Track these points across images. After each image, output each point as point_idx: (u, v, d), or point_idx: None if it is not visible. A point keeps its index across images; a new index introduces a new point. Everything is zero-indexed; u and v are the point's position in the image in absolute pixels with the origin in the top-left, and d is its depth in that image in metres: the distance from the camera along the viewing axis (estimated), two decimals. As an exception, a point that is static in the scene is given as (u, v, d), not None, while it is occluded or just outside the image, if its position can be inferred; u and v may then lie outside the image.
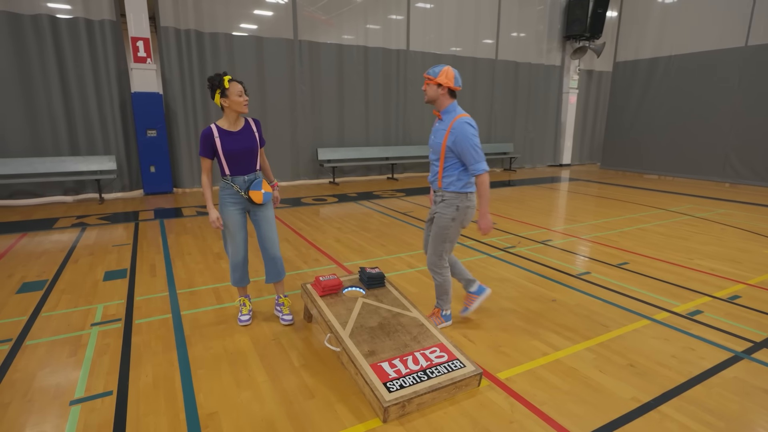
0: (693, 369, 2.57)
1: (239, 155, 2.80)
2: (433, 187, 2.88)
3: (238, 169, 2.83)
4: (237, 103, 2.70)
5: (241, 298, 3.12)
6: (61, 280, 3.90)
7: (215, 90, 2.69)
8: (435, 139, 2.80)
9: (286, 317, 3.09)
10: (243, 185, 2.84)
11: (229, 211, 2.86)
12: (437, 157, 2.78)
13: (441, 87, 2.68)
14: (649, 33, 11.23)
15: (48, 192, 7.57)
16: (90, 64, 7.57)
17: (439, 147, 2.74)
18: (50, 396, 2.26)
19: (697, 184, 10.16)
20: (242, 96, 2.71)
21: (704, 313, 3.31)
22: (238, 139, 2.80)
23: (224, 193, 2.86)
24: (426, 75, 2.72)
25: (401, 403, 2.10)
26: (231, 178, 2.83)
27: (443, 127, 2.74)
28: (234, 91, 2.68)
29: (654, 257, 4.64)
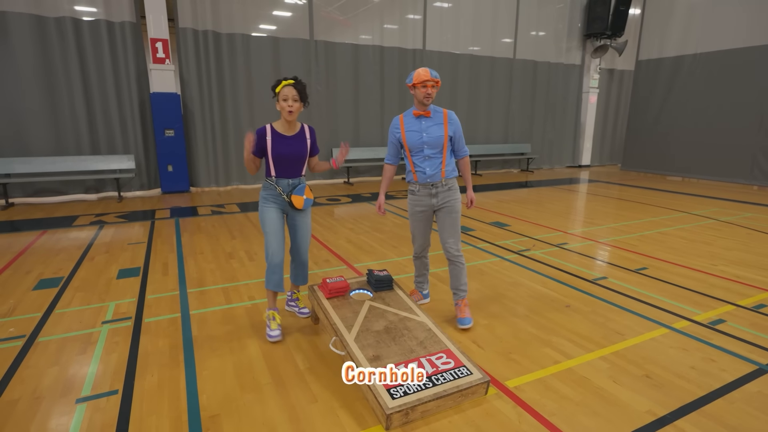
0: (713, 382, 2.45)
1: (287, 159, 2.79)
2: (433, 180, 2.94)
3: (284, 172, 2.82)
4: (281, 107, 2.71)
5: (269, 311, 2.91)
6: (77, 278, 3.97)
7: (273, 93, 2.75)
8: (431, 134, 2.89)
9: (303, 311, 3.20)
10: (286, 188, 2.84)
11: (269, 210, 2.84)
12: (438, 150, 2.91)
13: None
14: (673, 30, 10.89)
15: (70, 190, 7.76)
16: (111, 65, 7.72)
17: (442, 140, 2.90)
18: (58, 393, 2.29)
19: (722, 186, 9.81)
20: (287, 101, 2.68)
21: (727, 323, 3.16)
22: (290, 143, 2.79)
23: (266, 193, 2.86)
24: (436, 79, 2.82)
25: (405, 410, 2.05)
26: (275, 179, 2.82)
27: (438, 121, 2.91)
28: (281, 96, 2.70)
29: (675, 263, 4.48)
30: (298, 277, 3.13)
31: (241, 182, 9.24)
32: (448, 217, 2.99)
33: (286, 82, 2.71)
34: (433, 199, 2.98)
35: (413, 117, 2.93)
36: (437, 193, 2.96)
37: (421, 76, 2.78)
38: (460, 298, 3.09)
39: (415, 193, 3.03)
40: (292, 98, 2.69)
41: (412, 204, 3.07)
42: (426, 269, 3.35)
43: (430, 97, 2.82)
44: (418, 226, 3.11)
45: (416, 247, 3.23)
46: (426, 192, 2.97)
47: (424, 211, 3.04)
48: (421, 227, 3.11)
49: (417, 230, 3.13)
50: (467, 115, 11.40)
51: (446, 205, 2.98)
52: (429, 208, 3.02)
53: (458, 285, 3.08)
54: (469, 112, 11.40)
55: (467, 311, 3.07)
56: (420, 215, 3.06)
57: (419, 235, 3.15)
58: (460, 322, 3.02)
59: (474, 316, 3.23)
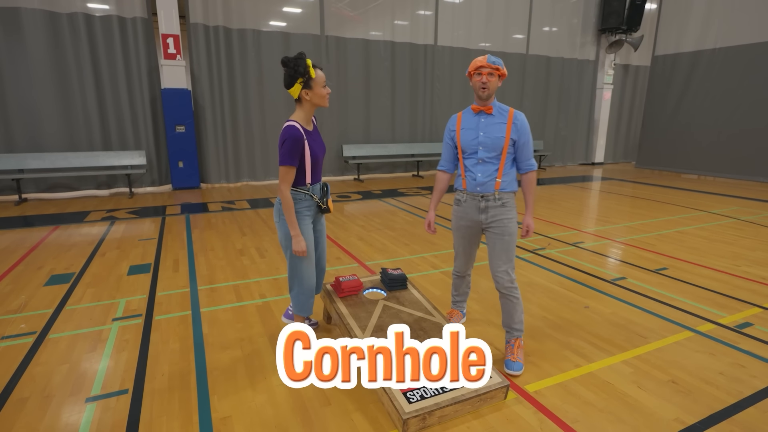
0: (744, 389, 2.34)
1: (320, 159, 2.42)
2: (483, 190, 2.45)
3: (317, 176, 2.45)
4: (321, 96, 2.25)
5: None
6: (88, 274, 3.95)
7: (296, 78, 2.21)
8: (489, 134, 2.41)
9: (312, 322, 2.95)
10: (320, 194, 2.48)
11: (307, 229, 2.42)
12: (495, 154, 2.42)
13: (500, 80, 2.41)
14: (691, 24, 10.63)
15: (83, 186, 7.80)
16: (122, 60, 7.72)
17: (502, 142, 2.40)
18: (67, 392, 2.25)
19: (740, 184, 9.57)
20: (326, 87, 2.26)
21: (754, 326, 3.04)
22: (317, 139, 2.41)
23: (301, 206, 2.40)
24: (494, 65, 2.33)
25: (422, 415, 1.98)
26: (311, 187, 2.42)
27: (501, 120, 2.41)
28: (319, 81, 2.23)
29: (696, 263, 4.34)
30: (318, 285, 2.82)
31: (252, 179, 9.21)
32: (500, 241, 2.47)
33: (309, 62, 2.23)
34: (481, 214, 2.49)
35: (472, 113, 2.48)
36: (487, 208, 2.47)
37: (477, 62, 2.35)
38: (514, 338, 2.57)
39: (460, 203, 2.57)
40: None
41: (456, 217, 2.62)
42: (468, 288, 2.93)
43: (487, 88, 2.34)
44: (461, 243, 2.68)
45: (457, 264, 2.81)
46: (473, 204, 2.50)
47: (469, 227, 2.58)
48: (465, 245, 2.67)
49: (460, 247, 2.71)
50: (479, 112, 11.25)
51: (497, 225, 2.47)
52: (475, 224, 2.54)
53: (511, 323, 2.58)
54: (480, 108, 11.25)
55: (520, 354, 2.52)
56: (464, 231, 2.61)
57: (462, 252, 2.73)
58: (508, 366, 2.47)
59: (488, 316, 3.15)
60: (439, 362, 2.00)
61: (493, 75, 2.34)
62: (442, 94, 10.67)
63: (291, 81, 2.25)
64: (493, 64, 2.33)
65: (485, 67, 2.33)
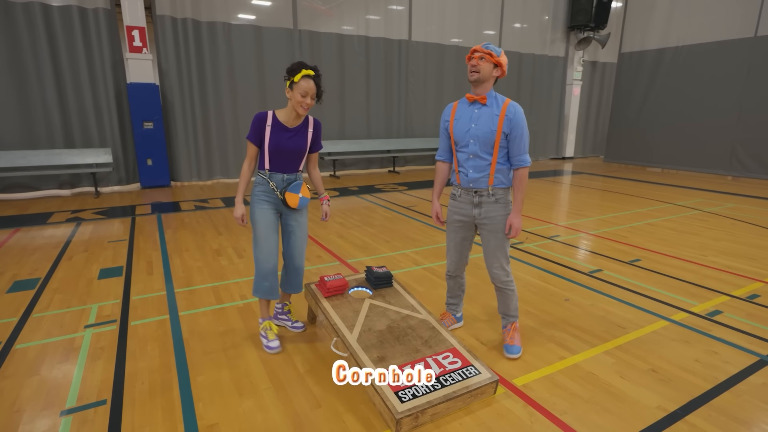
0: (718, 374, 2.44)
1: (285, 153, 2.53)
2: (476, 185, 2.42)
3: (280, 167, 2.55)
4: (296, 102, 2.41)
5: (264, 321, 2.72)
6: (54, 279, 3.75)
7: (287, 78, 2.43)
8: (481, 127, 2.34)
9: (296, 325, 2.88)
10: (280, 184, 2.57)
11: (262, 209, 2.57)
12: (488, 147, 2.35)
13: (497, 69, 2.32)
14: (655, 23, 11.01)
15: (43, 185, 7.41)
16: (84, 53, 7.36)
17: (494, 136, 2.31)
18: (39, 406, 2.13)
19: (701, 177, 10.02)
20: (306, 97, 2.40)
21: (724, 314, 3.18)
22: (291, 136, 2.52)
23: (258, 189, 2.58)
24: (486, 49, 2.27)
25: (414, 414, 1.97)
26: (269, 174, 2.55)
27: (494, 112, 2.32)
28: (299, 89, 2.38)
29: (666, 254, 4.51)
30: (290, 285, 2.78)
31: (225, 176, 8.98)
32: (494, 238, 2.47)
33: (306, 72, 2.38)
34: (475, 209, 2.46)
35: (467, 103, 2.42)
36: (480, 203, 2.44)
37: (473, 47, 2.33)
38: (510, 323, 2.67)
39: (455, 197, 2.55)
40: (311, 96, 2.42)
41: (451, 210, 2.59)
42: (461, 290, 2.86)
43: (477, 72, 2.28)
44: (453, 238, 2.64)
45: (449, 263, 2.73)
46: (467, 199, 2.47)
47: (462, 221, 2.55)
48: (457, 240, 2.63)
49: (451, 242, 2.66)
50: (453, 107, 11.34)
51: (490, 221, 2.45)
52: (469, 219, 2.52)
53: (507, 311, 2.66)
54: (455, 104, 11.34)
55: (517, 337, 2.63)
56: (457, 225, 2.58)
57: (453, 249, 2.67)
58: (508, 350, 2.59)
59: (474, 311, 3.17)
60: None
61: (484, 59, 2.28)
62: (417, 90, 10.68)
63: (285, 77, 2.46)
64: (486, 48, 2.28)
65: (478, 51, 2.29)
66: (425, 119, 11.02)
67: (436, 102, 11.07)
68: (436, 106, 11.09)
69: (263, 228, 2.57)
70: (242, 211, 2.58)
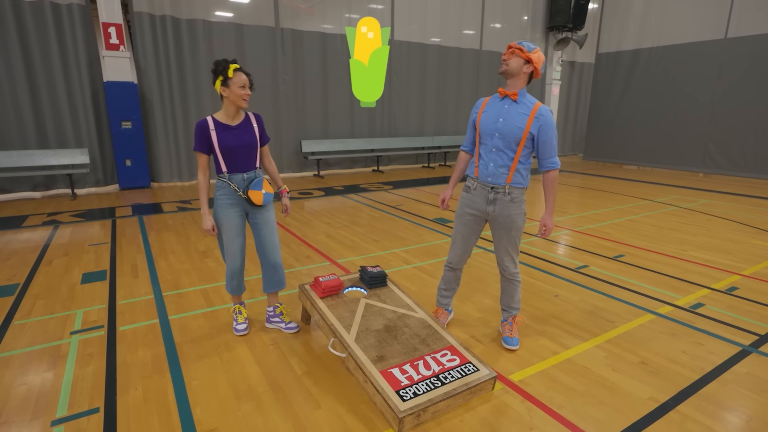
0: (705, 365, 2.52)
1: (237, 151, 2.55)
2: (494, 181, 2.44)
3: (236, 167, 2.58)
4: (237, 95, 2.47)
5: (235, 305, 2.88)
6: (35, 284, 3.62)
7: (217, 76, 2.47)
8: (509, 123, 2.35)
9: (291, 326, 2.85)
10: (242, 184, 2.59)
11: (227, 214, 2.60)
12: (512, 143, 2.35)
13: (528, 65, 2.32)
14: (631, 25, 11.30)
15: (16, 187, 7.13)
16: (58, 51, 7.11)
17: (520, 132, 2.32)
18: (28, 416, 2.05)
19: (676, 174, 10.34)
20: (245, 89, 2.48)
21: (706, 306, 3.29)
22: (237, 133, 2.55)
23: (221, 193, 2.59)
24: (517, 45, 2.32)
25: (416, 412, 1.98)
26: (228, 176, 2.57)
27: (524, 111, 2.34)
28: (237, 82, 2.45)
29: (648, 249, 4.64)
30: (272, 283, 2.81)
31: (206, 176, 8.81)
32: (506, 235, 2.51)
33: (235, 66, 2.45)
34: (489, 206, 2.47)
35: (498, 98, 2.44)
36: (495, 200, 2.45)
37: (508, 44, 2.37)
38: (512, 316, 2.74)
39: (470, 190, 2.54)
40: (248, 86, 2.50)
41: (462, 203, 2.59)
42: (457, 283, 2.87)
43: (505, 64, 2.33)
44: (461, 231, 2.63)
45: (452, 255, 2.72)
46: (483, 194, 2.48)
47: (473, 215, 2.55)
48: (465, 233, 2.62)
49: (459, 235, 2.64)
50: (436, 107, 11.42)
51: (504, 220, 2.47)
52: (481, 214, 2.52)
53: (511, 303, 2.72)
54: (438, 103, 11.42)
55: (516, 331, 2.71)
56: (467, 218, 2.58)
57: (460, 242, 2.66)
58: (507, 342, 2.66)
59: (467, 309, 3.20)
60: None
61: (514, 54, 2.32)
62: (400, 89, 10.70)
63: (213, 78, 2.50)
64: (518, 45, 2.32)
65: (511, 47, 2.34)
66: (408, 118, 11.05)
67: (419, 101, 11.12)
68: (419, 106, 11.14)
69: (229, 231, 2.64)
70: (212, 222, 2.60)
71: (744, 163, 9.60)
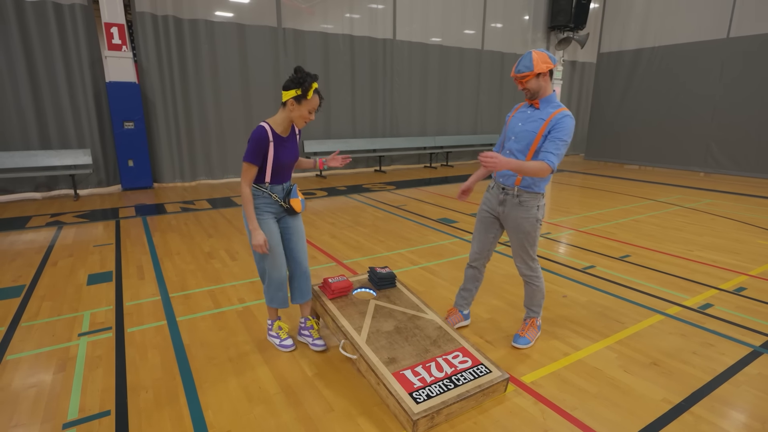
0: (716, 366, 2.52)
1: (286, 165, 2.47)
2: (505, 181, 2.50)
3: (280, 179, 2.50)
4: (302, 117, 2.35)
5: (275, 322, 2.70)
6: (41, 285, 3.61)
7: (295, 87, 2.28)
8: (525, 127, 2.41)
9: (317, 343, 2.65)
10: (281, 194, 2.51)
11: (268, 223, 2.47)
12: (524, 147, 2.41)
13: (541, 76, 2.33)
14: (632, 24, 11.29)
15: (18, 188, 7.11)
16: (60, 51, 7.09)
17: (533, 136, 2.37)
18: (39, 419, 2.04)
19: (678, 174, 10.34)
20: (312, 114, 2.37)
21: (715, 307, 3.28)
22: (288, 146, 2.45)
23: (260, 202, 2.46)
24: (516, 75, 2.35)
25: (430, 414, 1.97)
26: (270, 186, 2.47)
27: (542, 116, 2.37)
28: (310, 104, 2.32)
29: (654, 249, 4.63)
30: (302, 293, 2.65)
31: (209, 177, 8.81)
32: (514, 236, 2.57)
33: (316, 85, 2.30)
34: (500, 206, 2.56)
35: (527, 104, 2.50)
36: (505, 201, 2.53)
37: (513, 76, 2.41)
38: (529, 318, 2.77)
39: (489, 190, 2.66)
40: (315, 111, 2.39)
41: (483, 201, 2.70)
42: (476, 284, 2.87)
43: (527, 90, 2.38)
44: (478, 227, 2.74)
45: (471, 251, 2.81)
46: (495, 194, 2.58)
47: (488, 213, 2.66)
48: (481, 231, 2.72)
49: (476, 231, 2.76)
50: (438, 106, 11.40)
51: (512, 222, 2.53)
52: (495, 213, 2.62)
53: (530, 305, 2.76)
54: (439, 103, 11.40)
55: (530, 332, 2.73)
56: (484, 215, 2.69)
57: (477, 239, 2.75)
58: (515, 340, 2.71)
59: (476, 310, 3.19)
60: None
61: (528, 80, 2.34)
62: (402, 89, 10.68)
63: (289, 85, 2.30)
64: (518, 73, 2.35)
65: (515, 78, 2.39)
66: (410, 118, 11.04)
67: (421, 101, 11.10)
68: (421, 106, 11.13)
69: (272, 239, 2.47)
70: (264, 237, 2.37)
71: (746, 163, 9.60)
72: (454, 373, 2.20)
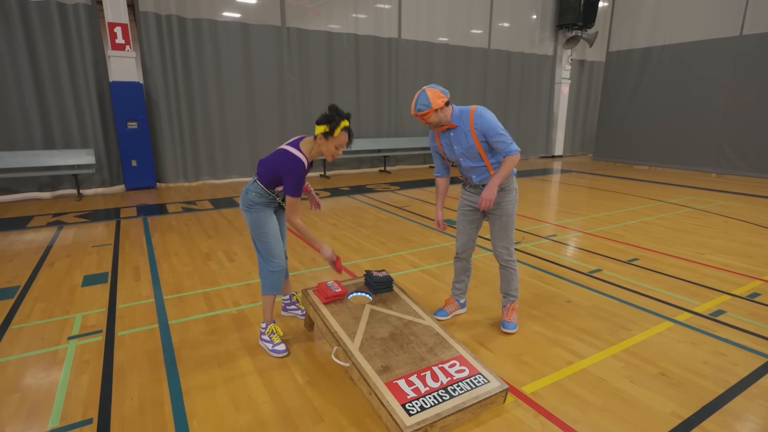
0: (729, 377, 2.39)
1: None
2: (483, 182, 2.71)
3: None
4: (330, 152, 2.45)
5: (269, 325, 2.66)
6: (35, 287, 3.57)
7: (326, 123, 2.38)
8: (462, 144, 2.60)
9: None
10: (281, 195, 2.66)
11: (269, 215, 2.63)
12: (477, 160, 2.62)
13: (439, 110, 2.50)
14: (642, 22, 11.09)
15: (22, 188, 7.13)
16: (64, 51, 7.10)
17: (476, 150, 2.58)
18: (20, 426, 1.98)
19: (689, 174, 10.12)
20: (339, 150, 2.47)
21: (727, 313, 3.15)
22: (308, 169, 2.55)
23: (262, 200, 2.59)
24: (418, 113, 2.51)
25: (423, 427, 1.87)
26: (276, 192, 2.61)
27: (465, 130, 2.56)
28: (338, 141, 2.42)
29: (664, 252, 4.49)
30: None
31: (212, 177, 8.78)
32: (498, 221, 2.74)
33: (345, 123, 2.38)
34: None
35: (441, 131, 2.67)
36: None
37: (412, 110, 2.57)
38: (510, 302, 2.92)
39: (466, 188, 2.85)
40: (344, 146, 2.48)
41: (462, 200, 2.89)
42: (466, 274, 3.05)
43: (431, 123, 2.55)
44: (462, 221, 2.90)
45: (458, 245, 2.97)
46: (476, 191, 2.77)
47: (472, 207, 2.83)
48: (466, 224, 2.89)
49: (461, 225, 2.92)
50: (443, 106, 11.27)
51: (496, 207, 2.71)
52: (476, 206, 2.80)
53: (508, 290, 2.90)
54: (445, 102, 11.28)
55: (514, 316, 2.90)
56: (467, 210, 2.86)
57: (462, 232, 2.92)
58: (504, 326, 2.86)
59: (477, 316, 3.09)
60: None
61: (430, 115, 2.49)
62: (407, 88, 10.58)
63: (321, 120, 2.42)
64: (418, 112, 2.49)
65: (416, 116, 2.54)
66: (415, 118, 10.91)
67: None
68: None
69: (274, 230, 2.64)
70: (330, 247, 2.66)
71: (759, 164, 9.37)
72: (450, 383, 2.10)
